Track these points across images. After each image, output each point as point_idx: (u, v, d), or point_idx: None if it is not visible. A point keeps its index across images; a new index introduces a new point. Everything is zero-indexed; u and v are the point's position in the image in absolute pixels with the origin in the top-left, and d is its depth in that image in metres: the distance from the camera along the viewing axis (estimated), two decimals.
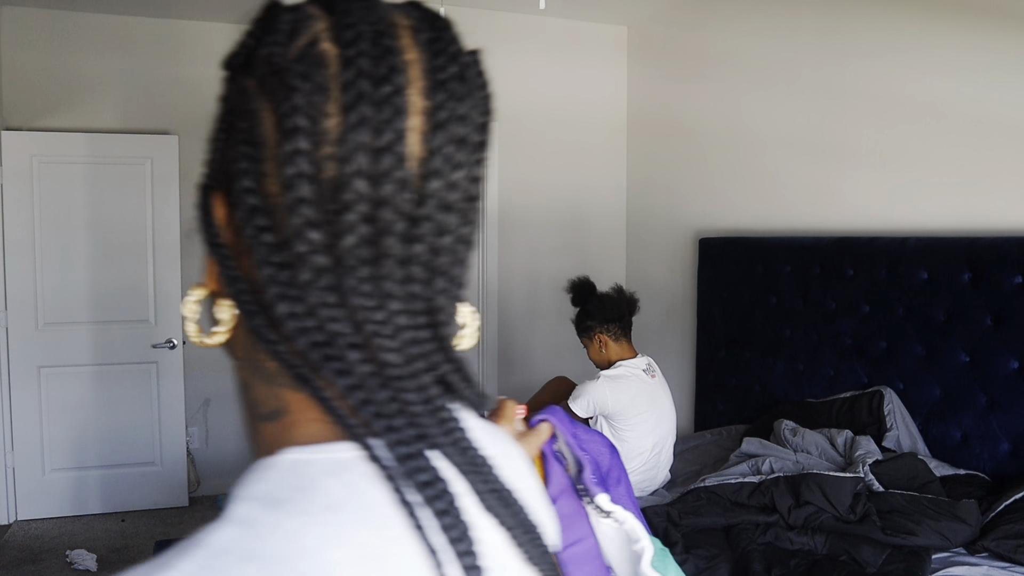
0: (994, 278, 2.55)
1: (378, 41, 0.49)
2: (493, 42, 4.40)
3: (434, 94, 0.50)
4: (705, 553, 2.21)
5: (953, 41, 2.75)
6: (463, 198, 0.51)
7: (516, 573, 0.53)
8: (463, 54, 0.55)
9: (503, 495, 0.53)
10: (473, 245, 0.55)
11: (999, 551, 2.12)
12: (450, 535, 0.47)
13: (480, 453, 0.52)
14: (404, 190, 0.48)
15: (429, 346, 0.51)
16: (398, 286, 0.49)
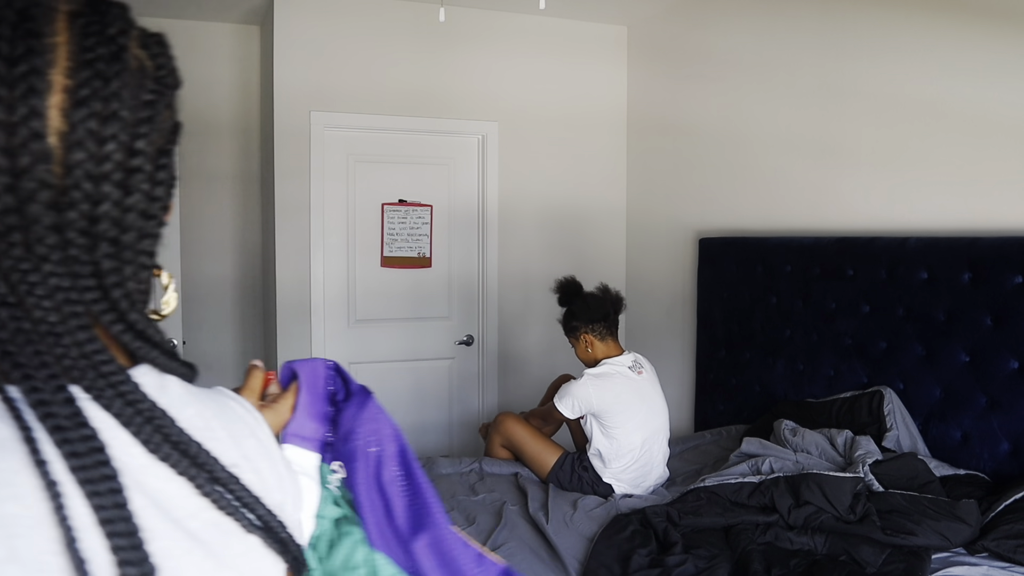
0: (994, 278, 2.55)
1: (19, 25, 0.53)
2: (493, 42, 4.42)
3: (77, 73, 0.54)
4: (705, 553, 2.21)
5: (953, 41, 2.75)
6: (118, 169, 0.56)
7: (195, 516, 0.58)
8: (122, 36, 0.58)
9: (183, 446, 0.58)
10: (158, 216, 0.64)
11: (999, 551, 2.12)
12: (82, 473, 0.52)
13: (156, 405, 0.57)
14: (44, 162, 0.53)
15: (98, 306, 0.57)
16: (53, 250, 0.54)
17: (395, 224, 4.36)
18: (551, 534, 2.43)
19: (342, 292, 4.29)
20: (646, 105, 4.55)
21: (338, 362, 0.97)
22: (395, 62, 4.23)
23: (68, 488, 0.52)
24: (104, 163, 0.55)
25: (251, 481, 0.62)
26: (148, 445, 0.56)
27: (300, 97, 4.09)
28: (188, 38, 4.47)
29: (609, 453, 2.87)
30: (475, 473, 3.05)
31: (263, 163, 4.53)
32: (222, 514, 0.59)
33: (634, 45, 4.64)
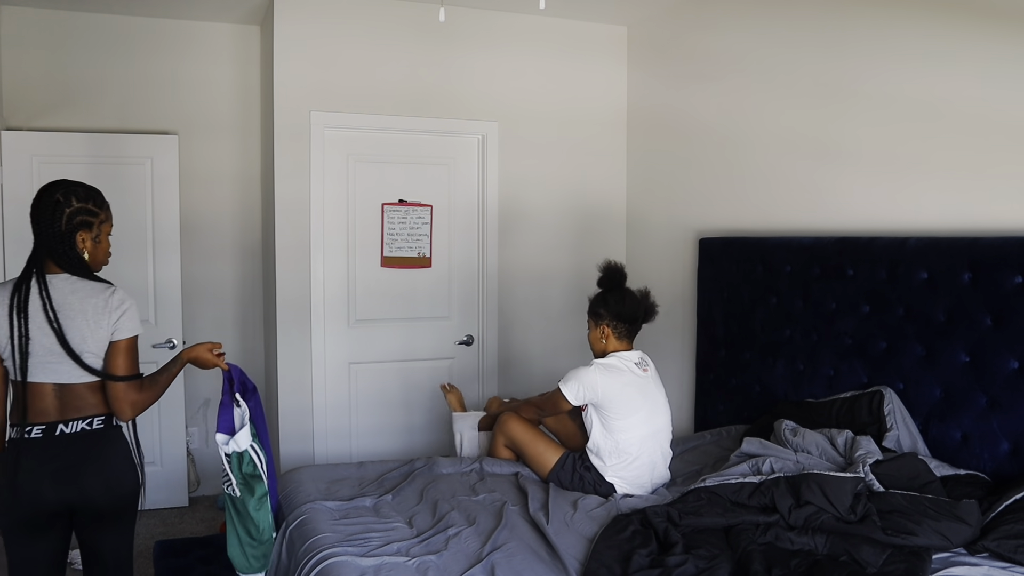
0: (994, 278, 2.55)
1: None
2: (493, 42, 4.42)
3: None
4: (705, 553, 2.21)
5: (953, 41, 2.75)
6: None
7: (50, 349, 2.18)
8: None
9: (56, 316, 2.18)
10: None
11: (999, 551, 2.12)
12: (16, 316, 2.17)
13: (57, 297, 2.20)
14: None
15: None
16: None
17: (395, 224, 4.36)
18: (551, 534, 2.43)
19: (342, 292, 4.29)
20: (646, 105, 4.55)
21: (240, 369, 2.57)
22: (395, 62, 4.23)
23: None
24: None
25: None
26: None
27: (300, 97, 4.09)
28: (188, 38, 4.47)
29: (607, 448, 2.86)
30: (475, 473, 3.05)
31: (263, 163, 4.53)
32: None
33: (634, 45, 4.64)
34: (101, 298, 2.23)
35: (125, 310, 2.25)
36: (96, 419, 2.24)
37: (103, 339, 2.21)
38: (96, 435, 2.23)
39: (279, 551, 2.61)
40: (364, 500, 2.77)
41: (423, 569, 2.20)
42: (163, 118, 4.46)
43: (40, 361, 2.18)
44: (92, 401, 2.23)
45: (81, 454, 2.21)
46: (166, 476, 4.39)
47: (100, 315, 2.21)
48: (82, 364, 2.18)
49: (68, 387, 2.20)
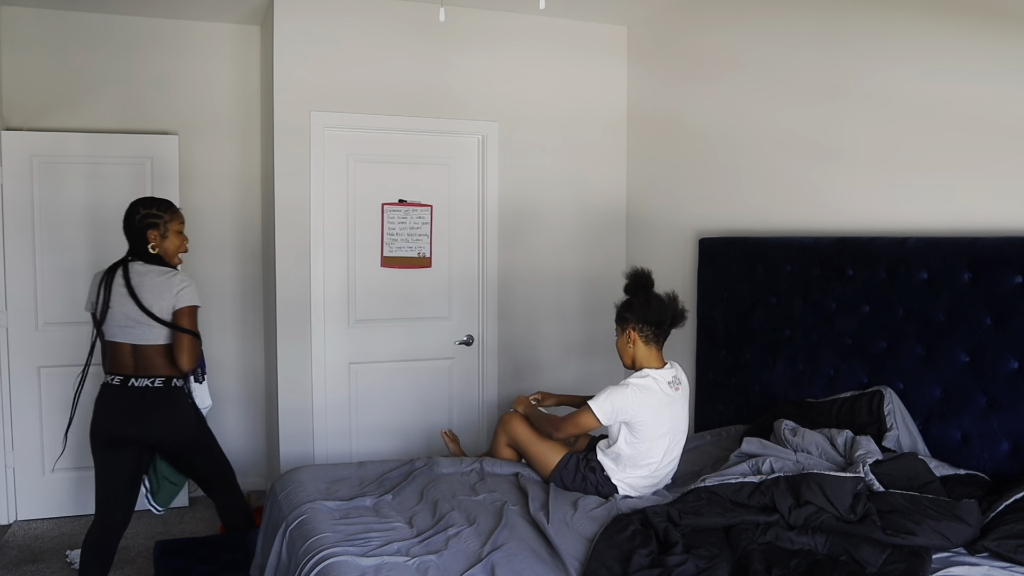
0: (994, 278, 2.55)
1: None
2: (493, 42, 4.41)
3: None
4: (705, 553, 2.21)
5: (953, 41, 2.75)
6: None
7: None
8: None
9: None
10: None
11: (999, 551, 2.12)
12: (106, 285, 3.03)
13: (134, 277, 3.00)
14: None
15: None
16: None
17: (395, 224, 4.36)
18: (551, 534, 2.43)
19: (342, 292, 4.29)
20: (646, 105, 4.55)
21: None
22: (395, 62, 4.23)
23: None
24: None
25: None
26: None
27: (300, 97, 4.09)
28: (188, 38, 4.48)
29: (631, 459, 2.84)
30: (476, 473, 3.05)
31: (263, 163, 4.53)
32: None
33: (634, 45, 4.64)
34: (164, 278, 2.97)
35: (184, 287, 2.96)
36: (159, 379, 2.97)
37: (166, 309, 2.94)
38: (157, 391, 2.97)
39: (279, 551, 2.61)
40: (364, 500, 2.77)
41: (423, 569, 2.20)
42: (163, 118, 4.46)
43: (120, 325, 2.96)
44: (158, 363, 2.97)
45: (145, 403, 2.96)
46: None
47: (164, 290, 2.95)
48: (154, 317, 2.92)
49: (141, 349, 2.95)
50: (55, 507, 4.29)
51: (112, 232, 4.28)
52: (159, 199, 3.13)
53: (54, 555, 3.80)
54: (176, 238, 3.08)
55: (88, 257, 4.26)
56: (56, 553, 3.82)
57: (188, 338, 2.94)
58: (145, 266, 3.01)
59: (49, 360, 4.25)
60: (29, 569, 3.64)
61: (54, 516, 4.29)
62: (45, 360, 4.24)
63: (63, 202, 4.21)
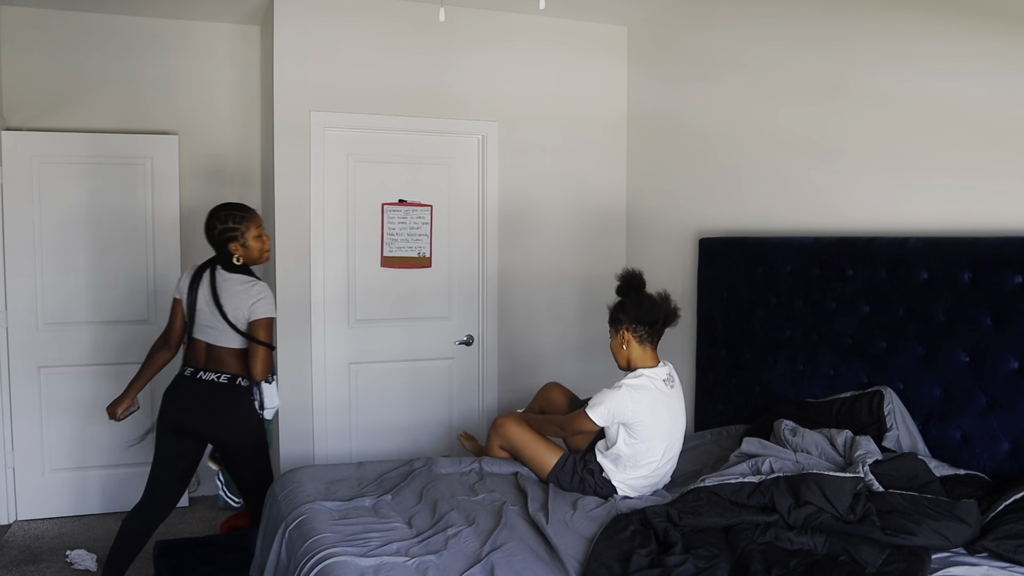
0: (994, 278, 2.55)
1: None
2: (493, 42, 4.41)
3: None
4: (705, 553, 2.21)
5: (953, 41, 2.75)
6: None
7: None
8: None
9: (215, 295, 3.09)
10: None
11: (999, 551, 2.12)
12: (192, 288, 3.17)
13: (218, 283, 3.12)
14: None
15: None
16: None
17: (395, 224, 4.36)
18: (551, 534, 2.43)
19: (342, 292, 4.29)
20: (646, 105, 4.55)
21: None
22: (395, 62, 4.23)
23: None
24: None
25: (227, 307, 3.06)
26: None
27: (300, 97, 4.09)
28: (188, 38, 4.48)
29: (631, 460, 2.84)
30: (475, 473, 3.05)
31: (263, 163, 4.53)
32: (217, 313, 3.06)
33: (634, 45, 4.64)
34: (244, 287, 3.08)
35: (261, 299, 3.07)
36: (225, 375, 3.09)
37: (242, 318, 3.06)
38: (221, 387, 3.09)
39: (279, 551, 2.61)
40: (364, 500, 2.77)
41: (423, 569, 2.20)
42: (163, 118, 4.47)
43: (201, 324, 3.12)
44: (229, 362, 3.10)
45: (210, 396, 3.09)
46: None
47: (241, 300, 3.06)
48: (232, 326, 3.05)
49: (214, 348, 3.10)
50: (55, 507, 4.30)
51: (112, 232, 4.29)
52: (234, 207, 3.15)
53: (54, 555, 3.80)
54: (256, 243, 3.16)
55: (88, 257, 4.27)
56: (56, 553, 3.82)
57: (263, 350, 3.05)
58: (230, 274, 3.12)
59: (49, 360, 4.25)
60: (29, 569, 3.64)
61: (54, 516, 4.29)
62: (45, 360, 4.24)
63: (63, 202, 4.21)
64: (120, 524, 3.16)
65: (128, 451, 4.37)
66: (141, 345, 4.32)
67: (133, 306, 4.34)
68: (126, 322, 4.34)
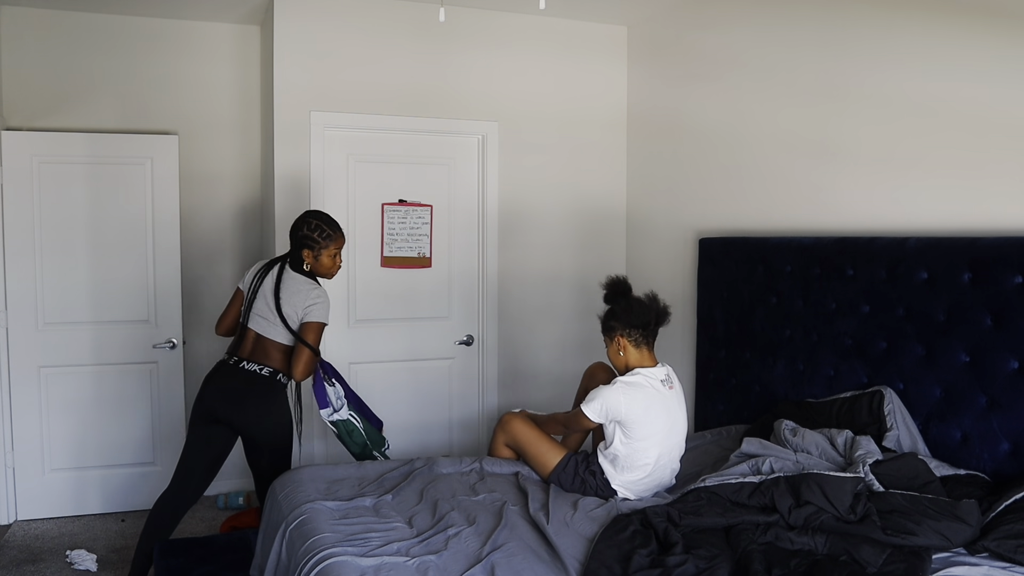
0: (994, 278, 2.55)
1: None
2: (493, 42, 4.41)
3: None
4: (705, 553, 2.21)
5: (953, 41, 2.75)
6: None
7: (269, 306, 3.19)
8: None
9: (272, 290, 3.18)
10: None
11: (999, 551, 2.12)
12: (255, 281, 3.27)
13: (283, 280, 3.20)
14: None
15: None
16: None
17: (395, 224, 4.36)
18: (551, 534, 2.43)
19: (342, 292, 4.29)
20: (646, 105, 4.55)
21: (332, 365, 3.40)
22: (395, 62, 4.23)
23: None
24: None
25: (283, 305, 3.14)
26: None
27: (300, 97, 4.09)
28: (188, 38, 4.48)
29: (626, 460, 2.84)
30: (476, 473, 3.05)
31: (263, 163, 4.53)
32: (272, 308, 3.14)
33: (634, 45, 4.64)
34: (304, 289, 3.15)
35: (317, 303, 3.13)
36: (267, 368, 3.14)
37: (295, 316, 3.12)
38: (262, 378, 3.13)
39: (279, 551, 2.61)
40: (364, 500, 2.77)
41: (423, 569, 2.20)
42: (163, 118, 4.46)
43: (256, 314, 3.19)
44: (273, 356, 3.16)
45: (249, 386, 3.13)
46: (166, 476, 4.39)
47: (299, 300, 3.13)
48: (285, 322, 3.12)
49: (263, 339, 3.16)
50: (55, 507, 4.29)
51: (112, 232, 4.29)
52: (328, 221, 3.21)
53: (54, 555, 3.80)
54: (328, 260, 3.21)
55: (88, 257, 4.26)
56: (56, 553, 3.82)
57: (308, 352, 3.09)
58: (293, 274, 3.20)
59: (49, 360, 4.25)
60: (29, 569, 3.64)
61: (54, 516, 4.29)
62: (45, 360, 4.24)
63: (63, 202, 4.21)
64: (147, 515, 3.24)
65: (128, 451, 4.37)
66: (141, 345, 4.34)
67: (133, 306, 4.34)
68: (126, 322, 4.34)
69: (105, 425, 4.34)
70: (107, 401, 4.34)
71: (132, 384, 4.37)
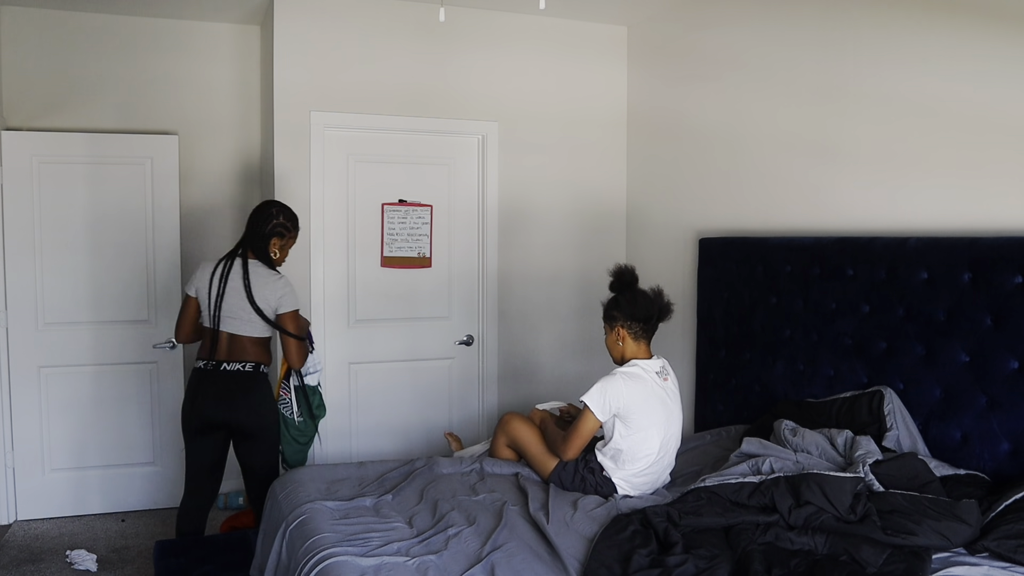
0: (994, 278, 2.55)
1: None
2: (493, 42, 4.41)
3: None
4: (705, 553, 2.21)
5: (953, 41, 2.75)
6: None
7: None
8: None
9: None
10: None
11: (999, 551, 2.12)
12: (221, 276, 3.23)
13: (251, 274, 3.18)
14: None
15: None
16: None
17: (395, 224, 4.36)
18: (551, 534, 2.43)
19: (342, 292, 4.29)
20: (646, 105, 4.55)
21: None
22: (395, 62, 4.23)
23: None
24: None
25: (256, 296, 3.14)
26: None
27: (300, 97, 4.09)
28: (188, 38, 4.47)
29: (628, 454, 2.84)
30: (476, 473, 3.05)
31: (263, 163, 4.53)
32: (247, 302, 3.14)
33: (634, 45, 4.64)
34: (271, 280, 3.18)
35: (286, 292, 3.18)
36: (248, 364, 3.18)
37: (270, 309, 3.16)
38: (247, 375, 3.17)
39: (279, 551, 2.61)
40: (364, 500, 2.77)
41: (423, 569, 2.20)
42: (163, 118, 4.46)
43: (226, 316, 3.16)
44: (250, 351, 3.19)
45: (235, 385, 3.16)
46: (166, 476, 4.40)
47: (269, 293, 3.16)
48: (261, 315, 3.14)
49: (237, 338, 3.17)
50: (55, 507, 4.29)
51: (112, 232, 4.29)
52: (293, 213, 3.31)
53: (54, 555, 3.80)
54: (285, 252, 3.32)
55: (88, 257, 4.26)
56: (56, 553, 3.82)
57: (295, 341, 3.20)
58: (260, 266, 3.22)
59: (50, 360, 4.25)
60: (29, 569, 3.64)
61: (54, 516, 4.29)
62: (46, 360, 4.24)
63: (63, 202, 4.21)
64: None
65: (128, 451, 4.37)
66: (141, 345, 4.34)
67: (133, 306, 4.34)
68: (126, 322, 4.34)
69: (105, 425, 4.34)
70: (107, 401, 4.34)
71: (132, 384, 4.37)
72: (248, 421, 3.20)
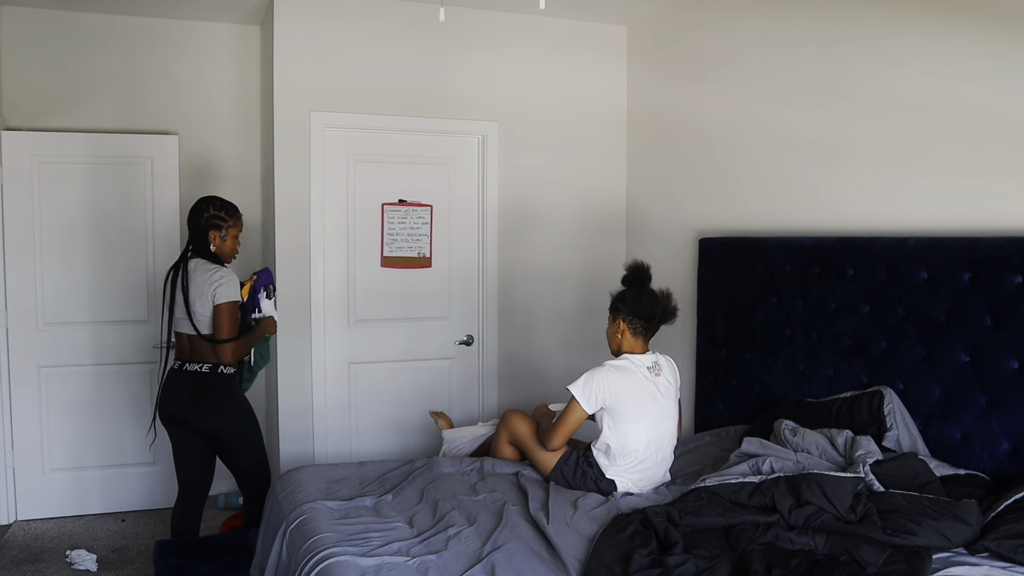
0: (994, 278, 2.55)
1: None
2: (493, 42, 4.41)
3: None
4: (705, 553, 2.21)
5: (953, 41, 2.75)
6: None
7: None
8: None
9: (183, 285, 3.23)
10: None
11: (1000, 551, 2.12)
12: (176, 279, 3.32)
13: (190, 274, 3.21)
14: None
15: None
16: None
17: (395, 224, 4.36)
18: (552, 534, 2.43)
19: (342, 292, 4.29)
20: (646, 105, 4.55)
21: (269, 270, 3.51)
22: (395, 62, 4.23)
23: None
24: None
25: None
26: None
27: (300, 97, 4.09)
28: (188, 38, 4.48)
29: (616, 448, 2.86)
30: (476, 473, 3.05)
31: (263, 163, 4.53)
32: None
33: (634, 45, 4.64)
34: (207, 275, 3.14)
35: (222, 283, 3.12)
36: (205, 365, 3.19)
37: (208, 304, 3.14)
38: (204, 375, 3.18)
39: (279, 551, 2.61)
40: (364, 500, 2.77)
41: (423, 569, 2.20)
42: (163, 118, 4.46)
43: (178, 318, 3.24)
44: (206, 351, 3.19)
45: (195, 386, 3.19)
46: (166, 476, 4.40)
47: (205, 286, 3.13)
48: (193, 324, 3.15)
49: (193, 339, 3.21)
50: (55, 507, 4.29)
51: (112, 232, 4.29)
52: (226, 202, 3.28)
53: (54, 555, 3.80)
54: (233, 242, 3.29)
55: (88, 257, 4.26)
56: (56, 553, 3.82)
57: (228, 345, 3.16)
58: (198, 263, 3.22)
59: (49, 360, 4.25)
60: (29, 569, 3.64)
61: (54, 516, 4.29)
62: (45, 360, 4.24)
63: (63, 202, 4.21)
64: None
65: (128, 451, 4.37)
66: (141, 345, 4.34)
67: (133, 306, 4.34)
68: (126, 322, 4.34)
69: (105, 425, 4.34)
70: (107, 401, 4.34)
71: (132, 384, 4.37)
72: (210, 426, 3.21)
